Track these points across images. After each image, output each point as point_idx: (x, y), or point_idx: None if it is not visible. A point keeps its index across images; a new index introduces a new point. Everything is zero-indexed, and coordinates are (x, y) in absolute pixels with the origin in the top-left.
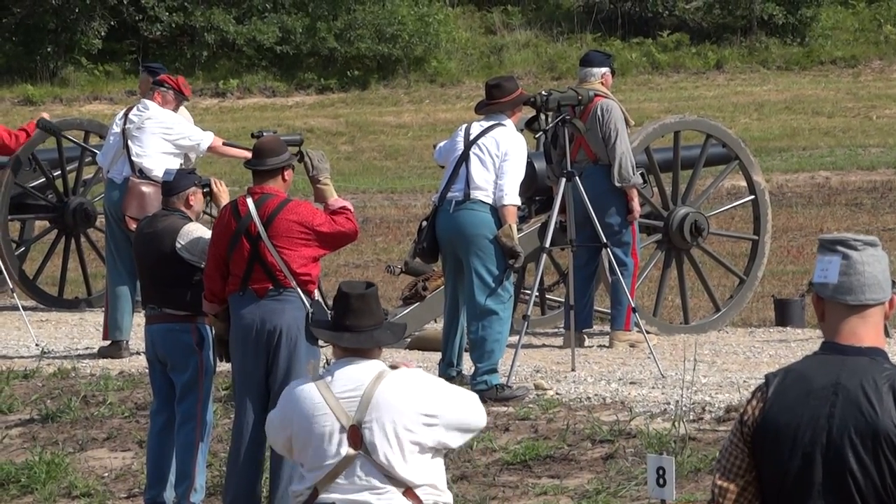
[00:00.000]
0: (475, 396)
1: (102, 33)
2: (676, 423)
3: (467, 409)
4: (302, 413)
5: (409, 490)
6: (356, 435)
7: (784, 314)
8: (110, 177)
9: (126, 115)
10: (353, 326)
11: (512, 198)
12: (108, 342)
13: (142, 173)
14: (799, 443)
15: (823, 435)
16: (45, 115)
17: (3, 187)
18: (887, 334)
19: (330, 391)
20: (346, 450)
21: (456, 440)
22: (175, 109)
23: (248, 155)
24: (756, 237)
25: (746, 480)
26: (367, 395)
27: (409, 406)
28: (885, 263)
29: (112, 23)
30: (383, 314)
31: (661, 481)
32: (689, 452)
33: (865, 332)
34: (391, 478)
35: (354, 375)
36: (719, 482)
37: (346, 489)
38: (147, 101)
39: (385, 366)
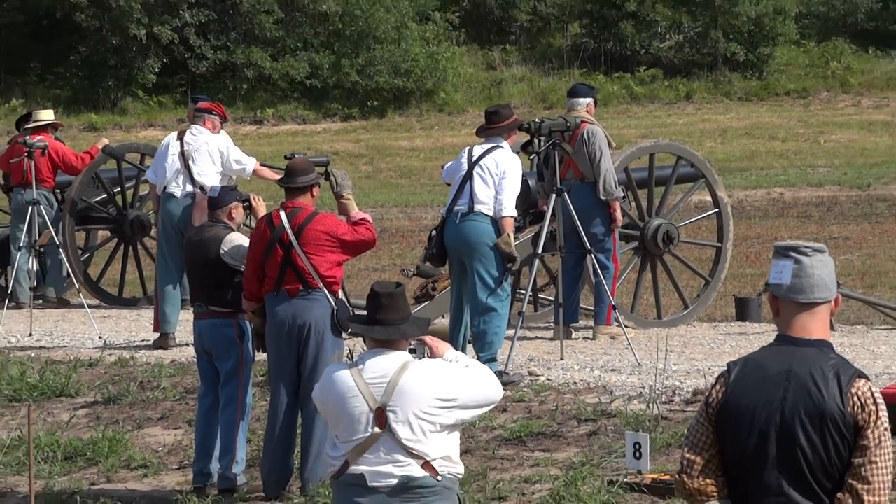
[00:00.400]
0: (490, 374)
1: (156, 69)
2: (650, 405)
3: (483, 387)
4: (336, 394)
5: (426, 463)
6: (382, 416)
7: (743, 311)
8: (170, 191)
9: (180, 139)
10: (384, 320)
11: (510, 210)
12: (158, 334)
13: (202, 189)
14: (756, 422)
15: (777, 415)
16: (107, 141)
17: (68, 203)
18: (832, 328)
19: (361, 377)
20: (372, 428)
21: (474, 415)
22: (218, 131)
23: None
24: (719, 244)
25: (711, 454)
26: (392, 382)
27: (429, 393)
28: (831, 267)
29: (164, 60)
30: (409, 310)
31: (637, 454)
32: (662, 430)
33: (814, 326)
34: (411, 452)
35: (383, 364)
36: (687, 455)
37: (372, 462)
38: (199, 127)
39: (409, 357)
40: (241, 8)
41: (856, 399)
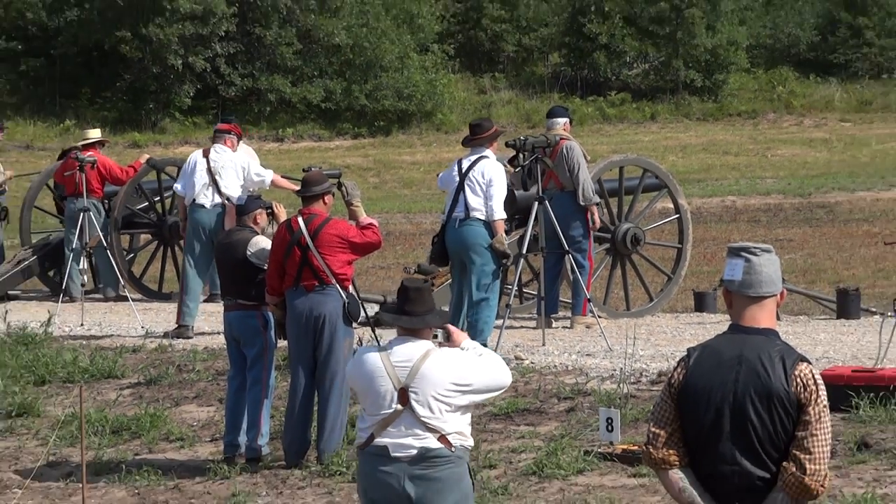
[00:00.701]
0: (500, 362)
1: (191, 94)
2: (621, 385)
3: (494, 375)
4: (366, 373)
5: (442, 436)
6: (404, 395)
7: (701, 303)
8: (199, 202)
9: (206, 156)
10: (411, 311)
11: (500, 213)
12: (178, 326)
13: (229, 200)
14: (712, 400)
15: (730, 394)
16: (149, 156)
17: (115, 211)
18: (778, 318)
19: (389, 360)
20: (396, 405)
21: (486, 397)
22: (236, 147)
23: (298, 187)
24: (680, 246)
25: (673, 428)
26: (415, 367)
27: (447, 378)
28: (777, 265)
29: (198, 86)
30: (434, 304)
31: (609, 428)
32: (631, 406)
33: (762, 316)
34: (429, 427)
35: (408, 350)
36: (653, 429)
37: (394, 434)
38: (221, 146)
39: (432, 345)
40: (265, 41)
41: (798, 380)
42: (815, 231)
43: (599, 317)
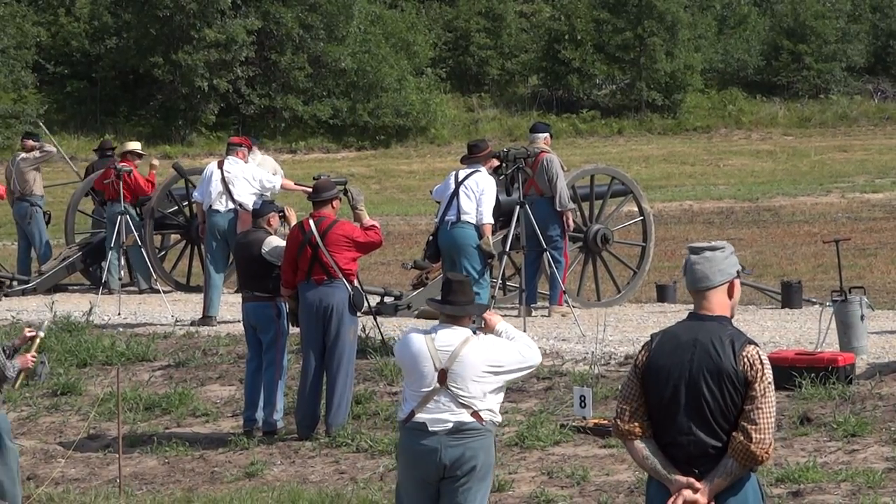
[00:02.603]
0: (531, 343)
1: (215, 112)
2: (592, 366)
3: (524, 356)
4: (411, 354)
5: (475, 412)
6: (443, 376)
7: (662, 294)
8: (215, 208)
9: (220, 167)
10: (454, 301)
11: (488, 218)
12: (203, 316)
13: (241, 206)
14: (671, 378)
15: (686, 373)
16: (155, 162)
17: (149, 215)
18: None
19: (433, 344)
20: (435, 384)
21: (517, 376)
22: (247, 159)
23: (310, 191)
24: (644, 244)
25: (638, 403)
26: (455, 351)
27: (482, 362)
28: (717, 261)
29: (221, 105)
30: (473, 295)
31: (582, 404)
32: (601, 385)
33: (711, 306)
34: (463, 404)
35: (450, 337)
36: (620, 405)
37: (433, 411)
38: (234, 158)
39: (471, 333)
40: (280, 65)
41: (746, 360)
42: (762, 231)
43: (574, 307)
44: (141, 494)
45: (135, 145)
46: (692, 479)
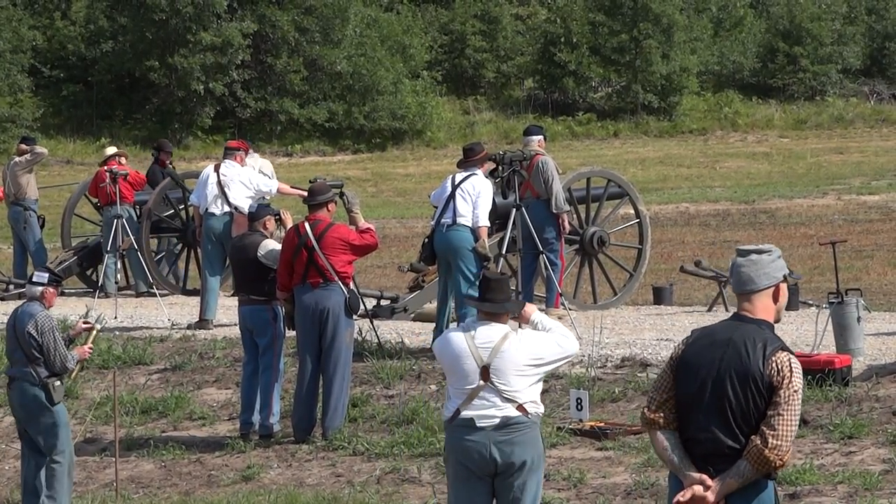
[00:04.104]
0: (567, 333)
1: (211, 115)
2: (589, 369)
3: (562, 347)
4: (451, 353)
5: (520, 405)
6: (486, 372)
7: (659, 297)
8: (211, 211)
9: (216, 171)
10: (492, 299)
11: (484, 221)
12: (200, 319)
13: (237, 209)
14: (699, 374)
15: (714, 371)
16: (113, 150)
17: (144, 219)
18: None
19: (473, 341)
20: (478, 381)
21: (556, 366)
22: (244, 162)
23: (305, 194)
24: (640, 246)
25: (668, 395)
26: (496, 347)
27: (522, 356)
28: (763, 264)
29: (217, 108)
30: (511, 293)
31: (579, 407)
32: (598, 388)
33: (753, 309)
34: (507, 398)
35: (489, 333)
36: (651, 394)
37: (478, 407)
38: (230, 161)
39: (510, 328)
40: (276, 69)
41: (774, 365)
42: (758, 233)
43: (570, 309)
44: (138, 498)
45: (111, 150)
46: (704, 476)
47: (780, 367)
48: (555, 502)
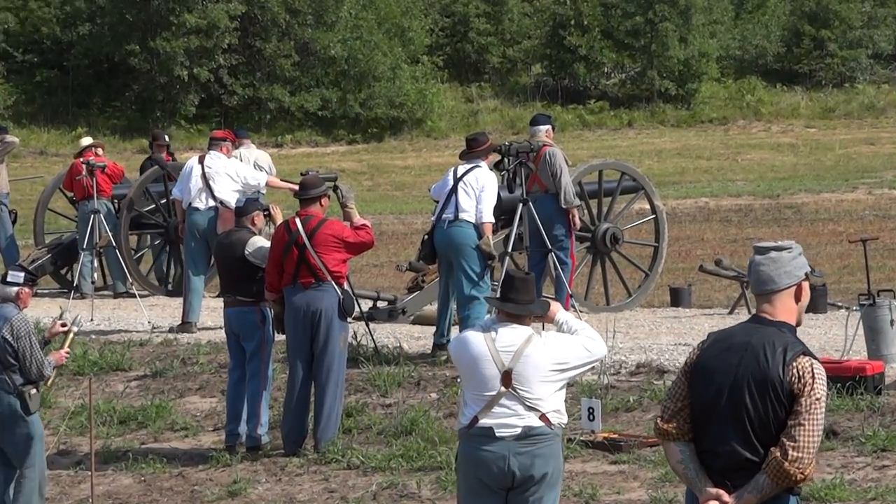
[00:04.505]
0: (594, 335)
1: (195, 103)
2: (601, 376)
3: (588, 349)
4: (471, 356)
5: (543, 415)
6: (508, 378)
7: (677, 298)
8: (195, 205)
9: (201, 163)
10: (515, 299)
11: (488, 217)
12: (182, 322)
13: (222, 203)
14: (714, 381)
15: (731, 377)
16: (89, 140)
17: (123, 213)
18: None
19: (494, 344)
20: (499, 387)
21: (582, 371)
22: (230, 154)
23: (296, 188)
24: (657, 244)
25: (683, 404)
26: (518, 351)
27: (547, 360)
28: (783, 262)
29: (202, 95)
30: (535, 294)
31: (591, 417)
32: (611, 397)
33: (773, 310)
34: (530, 407)
35: (512, 336)
36: (665, 403)
37: (498, 415)
38: (216, 153)
39: (533, 331)
40: (265, 53)
41: (795, 371)
42: (783, 230)
43: (581, 311)
44: None
45: (87, 140)
46: (721, 491)
47: (801, 372)
48: None
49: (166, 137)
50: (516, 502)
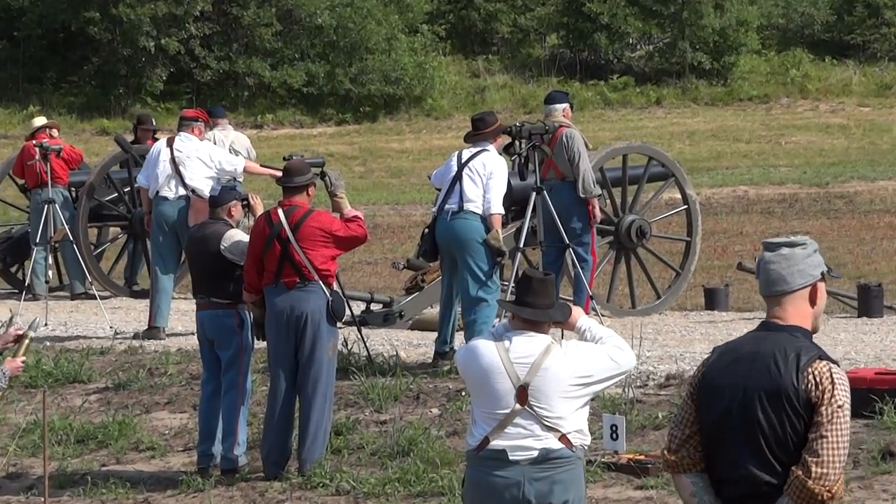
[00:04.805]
0: (621, 344)
1: (164, 77)
2: (626, 389)
3: (618, 361)
4: (481, 368)
5: (563, 436)
6: (524, 394)
7: (712, 300)
8: (163, 194)
9: (170, 146)
10: (533, 303)
11: (497, 208)
12: (149, 327)
13: (194, 192)
14: (723, 399)
15: (740, 392)
16: (44, 120)
17: (82, 203)
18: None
19: (507, 355)
20: (514, 405)
21: (607, 385)
22: (203, 136)
23: (279, 174)
24: (689, 239)
25: (692, 430)
26: (536, 363)
27: (568, 373)
28: (796, 260)
29: (171, 69)
30: (555, 298)
31: (614, 436)
32: (637, 412)
33: (784, 314)
34: (549, 427)
35: (528, 346)
36: (671, 430)
37: (513, 436)
38: (187, 134)
39: (552, 339)
40: (243, 21)
41: (811, 377)
42: (833, 223)
43: (602, 315)
44: None
45: (40, 120)
46: None
47: (818, 378)
48: None
49: (153, 121)
50: None
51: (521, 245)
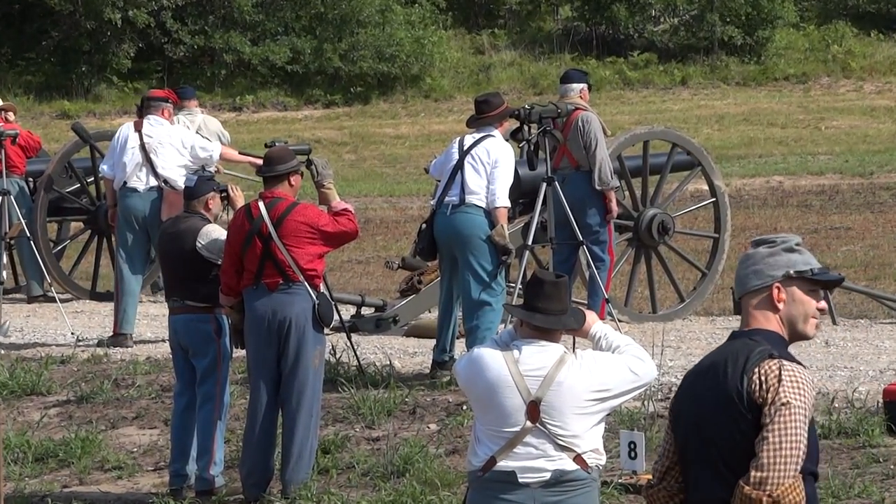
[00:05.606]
0: (641, 354)
1: (132, 54)
2: (646, 402)
3: (638, 373)
4: (487, 381)
5: (578, 456)
6: (535, 410)
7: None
8: (131, 185)
9: (138, 131)
10: (545, 309)
11: (503, 201)
12: (114, 333)
13: (166, 183)
14: (683, 420)
15: (695, 409)
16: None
17: (40, 195)
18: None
19: (517, 367)
20: (524, 422)
21: (625, 399)
22: (172, 118)
23: (260, 162)
24: (717, 235)
25: (672, 461)
26: (549, 376)
27: (584, 387)
28: (757, 259)
29: (140, 45)
30: (569, 303)
31: (632, 454)
32: (658, 429)
33: (749, 318)
34: (562, 446)
35: (540, 357)
36: (655, 463)
37: (523, 457)
38: (156, 117)
39: (565, 349)
40: None
41: (756, 378)
42: (878, 218)
43: (620, 321)
44: None
45: None
46: None
47: (763, 378)
48: None
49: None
50: None
51: (530, 242)
